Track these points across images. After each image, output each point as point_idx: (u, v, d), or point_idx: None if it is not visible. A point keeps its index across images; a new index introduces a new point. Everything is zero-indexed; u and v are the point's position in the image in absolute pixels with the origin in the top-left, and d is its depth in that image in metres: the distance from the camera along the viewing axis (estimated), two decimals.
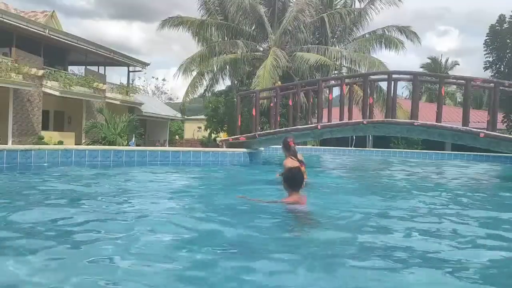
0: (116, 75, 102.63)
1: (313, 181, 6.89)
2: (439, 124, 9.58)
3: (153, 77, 63.55)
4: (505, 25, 21.61)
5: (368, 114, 10.10)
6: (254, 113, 11.06)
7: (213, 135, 24.45)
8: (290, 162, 6.54)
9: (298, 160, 6.43)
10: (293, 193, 4.22)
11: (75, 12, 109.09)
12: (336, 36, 22.18)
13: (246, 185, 6.75)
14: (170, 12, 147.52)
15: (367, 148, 23.03)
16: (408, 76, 11.05)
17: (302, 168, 6.85)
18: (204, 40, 21.13)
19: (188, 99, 22.94)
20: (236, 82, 22.71)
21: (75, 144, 17.70)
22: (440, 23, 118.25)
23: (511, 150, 10.01)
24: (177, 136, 39.22)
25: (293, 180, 4.26)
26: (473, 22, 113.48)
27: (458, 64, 45.11)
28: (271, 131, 10.94)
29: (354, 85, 13.02)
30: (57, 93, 20.34)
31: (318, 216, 4.06)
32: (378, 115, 13.96)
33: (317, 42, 21.36)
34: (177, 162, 9.15)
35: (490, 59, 22.24)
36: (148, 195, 5.00)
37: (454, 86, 35.65)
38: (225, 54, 20.46)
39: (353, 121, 10.19)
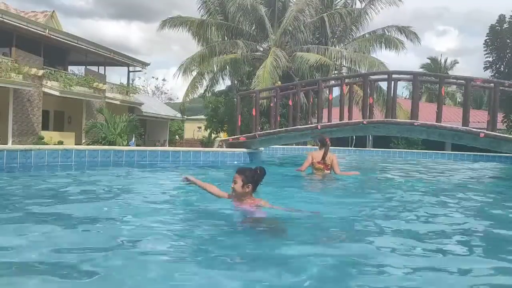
0: (116, 75, 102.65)
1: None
2: (439, 124, 9.58)
3: (153, 77, 63.63)
4: (505, 25, 21.61)
5: (368, 114, 10.10)
6: (254, 113, 11.06)
7: (213, 135, 24.46)
8: (313, 155, 7.62)
9: (323, 158, 7.40)
10: (251, 196, 3.81)
11: (74, 12, 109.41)
12: (336, 36, 22.21)
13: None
14: (169, 12, 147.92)
15: (367, 148, 23.03)
16: (408, 76, 11.05)
17: (324, 167, 7.52)
18: (204, 40, 21.14)
19: (188, 99, 22.96)
20: (236, 82, 22.73)
21: (75, 144, 17.71)
22: (439, 23, 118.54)
23: (511, 150, 10.01)
24: (177, 136, 39.23)
25: (257, 182, 3.81)
26: (472, 22, 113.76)
27: (458, 63, 45.24)
28: (271, 131, 10.93)
29: (354, 85, 13.02)
30: (57, 93, 20.37)
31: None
32: (378, 115, 13.97)
33: (317, 42, 21.38)
34: (177, 162, 9.15)
35: (490, 59, 22.23)
36: (143, 196, 5.00)
37: (454, 86, 35.70)
38: (225, 54, 20.47)
39: (353, 121, 10.19)
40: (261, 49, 21.44)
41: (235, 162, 9.87)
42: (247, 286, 2.16)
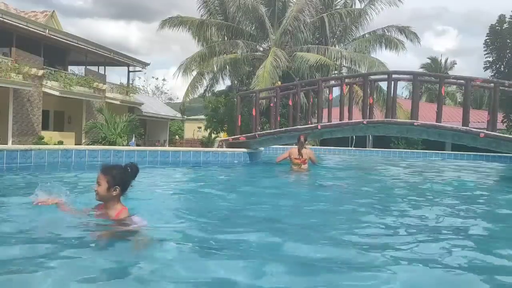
0: (116, 75, 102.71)
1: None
2: (439, 124, 9.58)
3: (153, 77, 63.69)
4: (505, 25, 21.61)
5: (368, 114, 10.10)
6: (254, 113, 11.07)
7: (213, 135, 24.44)
8: (289, 151, 8.73)
9: (299, 151, 8.41)
10: (119, 202, 3.09)
11: (73, 12, 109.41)
12: (336, 36, 22.19)
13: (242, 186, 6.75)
14: (169, 12, 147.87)
15: (367, 148, 23.02)
16: (408, 76, 11.05)
17: (301, 162, 8.46)
18: (204, 40, 21.13)
19: (188, 99, 22.95)
20: (236, 82, 22.72)
21: (75, 144, 17.71)
22: (438, 23, 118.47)
23: (511, 150, 10.01)
24: (177, 136, 39.24)
25: (127, 182, 3.08)
26: (471, 22, 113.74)
27: (456, 63, 45.33)
28: (271, 131, 10.94)
29: (354, 85, 13.02)
30: (57, 93, 20.37)
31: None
32: (378, 115, 13.96)
33: (317, 42, 21.36)
34: (177, 162, 9.16)
35: (490, 59, 22.23)
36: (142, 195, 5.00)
37: (454, 86, 35.69)
38: (225, 54, 20.45)
39: (353, 121, 10.19)
40: (261, 49, 21.42)
41: (235, 162, 9.89)
42: None
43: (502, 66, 21.99)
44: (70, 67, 25.72)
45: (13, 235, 2.84)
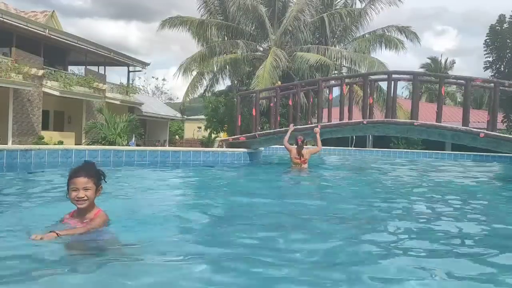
0: (116, 75, 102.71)
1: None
2: (439, 124, 9.58)
3: (153, 77, 63.68)
4: (505, 25, 21.62)
5: (368, 114, 10.11)
6: (254, 113, 11.07)
7: (213, 135, 24.44)
8: (292, 150, 9.02)
9: (299, 153, 8.80)
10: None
11: (73, 12, 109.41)
12: (336, 36, 22.18)
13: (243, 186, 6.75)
14: (169, 12, 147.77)
15: (367, 148, 23.03)
16: (408, 76, 11.06)
17: (301, 162, 8.81)
18: (204, 40, 21.12)
19: (188, 99, 22.96)
20: (236, 82, 22.71)
21: (75, 144, 17.71)
22: (438, 23, 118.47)
23: (511, 150, 10.01)
24: (177, 136, 39.24)
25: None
26: (470, 22, 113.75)
27: (455, 63, 45.35)
28: (271, 131, 10.95)
29: (354, 85, 13.02)
30: (57, 93, 20.37)
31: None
32: (378, 115, 13.96)
33: (317, 42, 21.35)
34: (177, 162, 9.17)
35: (490, 59, 22.23)
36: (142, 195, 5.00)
37: (454, 86, 35.69)
38: (225, 54, 20.45)
39: (353, 121, 10.19)
40: (261, 49, 21.42)
41: (235, 162, 9.89)
42: None
43: (502, 66, 21.99)
44: (70, 67, 25.73)
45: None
